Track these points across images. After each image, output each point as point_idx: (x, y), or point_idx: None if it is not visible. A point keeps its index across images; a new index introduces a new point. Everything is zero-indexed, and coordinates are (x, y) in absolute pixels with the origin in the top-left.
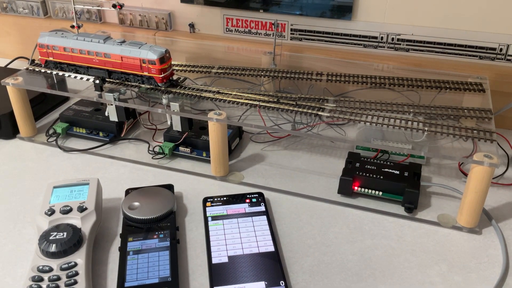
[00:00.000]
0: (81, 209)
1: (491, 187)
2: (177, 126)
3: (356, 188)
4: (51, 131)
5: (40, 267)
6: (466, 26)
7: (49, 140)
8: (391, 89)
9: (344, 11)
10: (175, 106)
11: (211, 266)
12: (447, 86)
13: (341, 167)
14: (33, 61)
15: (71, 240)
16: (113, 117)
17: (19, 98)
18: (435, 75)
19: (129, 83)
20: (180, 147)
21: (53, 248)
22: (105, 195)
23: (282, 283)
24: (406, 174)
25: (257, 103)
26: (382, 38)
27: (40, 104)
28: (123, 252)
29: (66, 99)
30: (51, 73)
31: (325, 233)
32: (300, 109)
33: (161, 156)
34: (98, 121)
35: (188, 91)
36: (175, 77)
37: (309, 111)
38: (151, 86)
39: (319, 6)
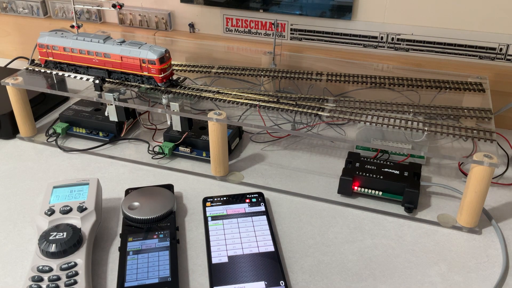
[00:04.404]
0: (81, 209)
1: (491, 187)
2: (177, 126)
3: (356, 188)
4: (51, 131)
5: (40, 267)
6: (466, 26)
7: (49, 140)
8: (391, 89)
9: (344, 11)
10: (175, 106)
11: (211, 266)
12: (447, 86)
13: (341, 167)
14: (33, 61)
15: (71, 240)
16: (113, 117)
17: (19, 98)
18: (435, 75)
19: (129, 83)
20: (180, 147)
21: (53, 248)
22: (105, 195)
23: (282, 283)
24: (406, 174)
25: (257, 103)
26: (382, 38)
27: (40, 104)
28: (123, 252)
29: (66, 99)
30: (51, 73)
31: (325, 233)
32: (300, 109)
33: (161, 156)
34: (98, 121)
35: (188, 91)
36: (175, 77)
37: (309, 111)
38: (151, 86)
39: (319, 6)
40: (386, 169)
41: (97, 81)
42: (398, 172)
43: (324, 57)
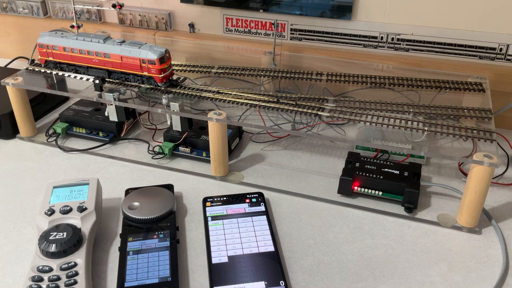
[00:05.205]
0: (81, 209)
1: (491, 187)
2: (177, 126)
3: (356, 188)
4: (51, 131)
5: (40, 267)
6: (466, 26)
7: (49, 140)
8: (391, 89)
9: (344, 11)
10: (175, 106)
11: (211, 266)
12: (447, 86)
13: (341, 167)
14: (33, 61)
15: (71, 240)
16: (113, 117)
17: (19, 98)
18: (435, 75)
19: (129, 83)
20: (180, 147)
21: (53, 248)
22: (105, 195)
23: (282, 283)
24: (406, 174)
25: (257, 103)
26: (382, 38)
27: (40, 104)
28: (123, 252)
29: (66, 99)
30: (51, 73)
31: (325, 233)
32: (300, 109)
33: (161, 156)
34: (98, 121)
35: (188, 91)
36: (175, 77)
37: (309, 111)
38: (151, 86)
39: (319, 6)
40: (386, 169)
41: (97, 81)
42: (398, 172)
43: (324, 57)
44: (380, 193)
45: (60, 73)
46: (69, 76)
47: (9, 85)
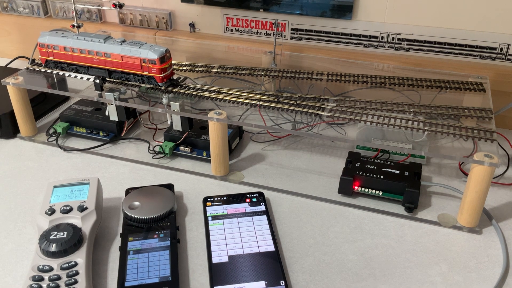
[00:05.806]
0: (82, 208)
1: (491, 187)
2: (178, 126)
3: (356, 187)
4: (51, 131)
5: (41, 267)
6: (466, 25)
7: (49, 139)
8: (392, 89)
9: (345, 11)
10: (175, 105)
11: (211, 265)
12: (448, 85)
13: (341, 166)
14: (33, 60)
15: (72, 240)
16: (114, 117)
17: (20, 97)
18: (435, 75)
19: (130, 82)
20: (180, 147)
21: (53, 247)
22: (106, 195)
23: (282, 282)
24: (406, 173)
25: (258, 102)
26: (382, 37)
27: (41, 104)
28: (123, 252)
29: (67, 98)
30: (52, 72)
31: (325, 232)
32: (301, 109)
33: (162, 155)
34: (99, 121)
35: (188, 91)
36: (175, 77)
37: (310, 110)
38: (152, 86)
39: (320, 5)
40: (386, 169)
41: (97, 81)
42: (398, 172)
43: (325, 56)
44: (381, 193)
45: (61, 72)
46: (69, 75)
47: (9, 85)
